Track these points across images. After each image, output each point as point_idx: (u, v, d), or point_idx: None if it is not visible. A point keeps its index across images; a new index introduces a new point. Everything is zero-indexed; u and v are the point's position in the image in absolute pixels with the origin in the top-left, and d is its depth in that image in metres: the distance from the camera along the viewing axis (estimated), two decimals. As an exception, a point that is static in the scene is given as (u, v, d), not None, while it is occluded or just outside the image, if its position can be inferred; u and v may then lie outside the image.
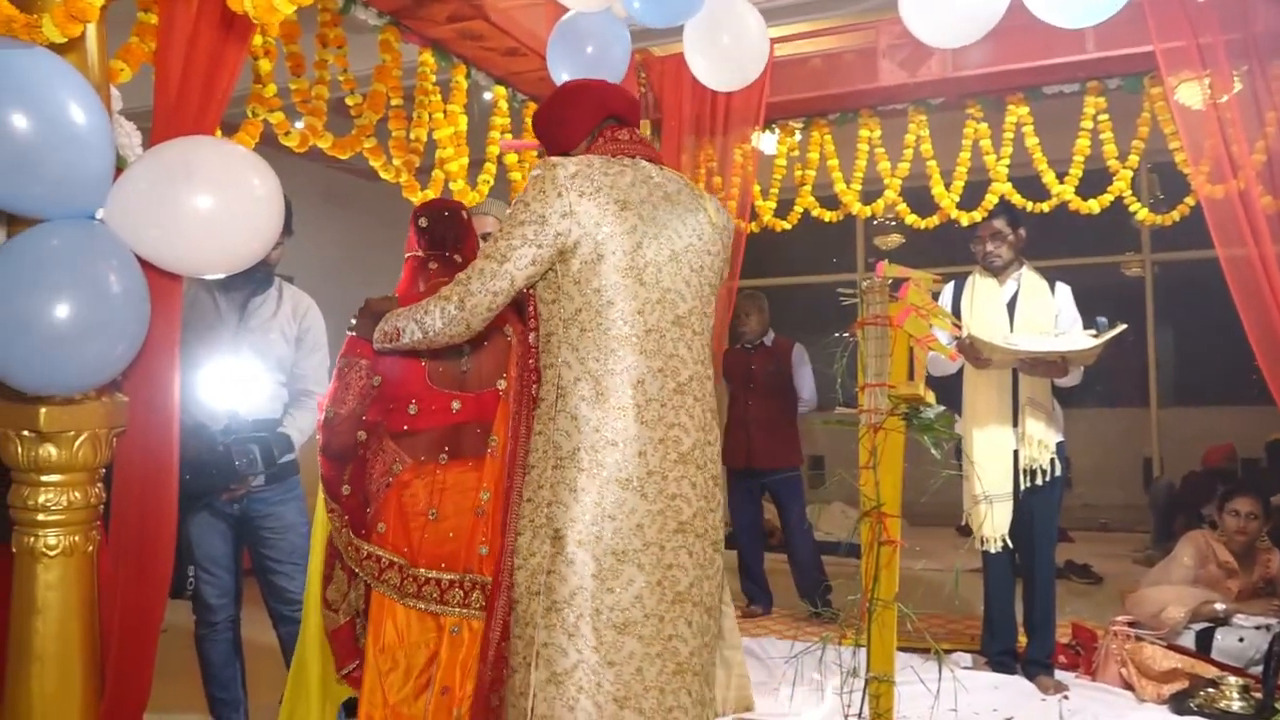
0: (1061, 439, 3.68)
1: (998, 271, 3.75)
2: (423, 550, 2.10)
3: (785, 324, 5.20)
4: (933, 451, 2.47)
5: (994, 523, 3.59)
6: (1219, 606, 3.72)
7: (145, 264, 1.81)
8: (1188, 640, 3.70)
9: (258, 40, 2.76)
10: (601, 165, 1.86)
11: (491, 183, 3.77)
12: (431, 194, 3.42)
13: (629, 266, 1.81)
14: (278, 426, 2.99)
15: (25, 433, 1.77)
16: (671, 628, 1.76)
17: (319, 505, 2.21)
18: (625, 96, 2.04)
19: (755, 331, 5.02)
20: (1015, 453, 3.61)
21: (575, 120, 1.99)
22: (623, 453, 1.76)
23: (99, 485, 1.89)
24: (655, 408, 1.80)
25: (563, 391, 1.81)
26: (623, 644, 1.72)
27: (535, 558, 1.79)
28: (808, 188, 4.49)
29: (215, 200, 1.76)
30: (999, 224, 3.74)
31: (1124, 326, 3.45)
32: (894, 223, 8.16)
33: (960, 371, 3.74)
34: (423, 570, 2.09)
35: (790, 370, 5.01)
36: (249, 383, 2.93)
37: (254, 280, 2.98)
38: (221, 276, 2.77)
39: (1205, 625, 3.71)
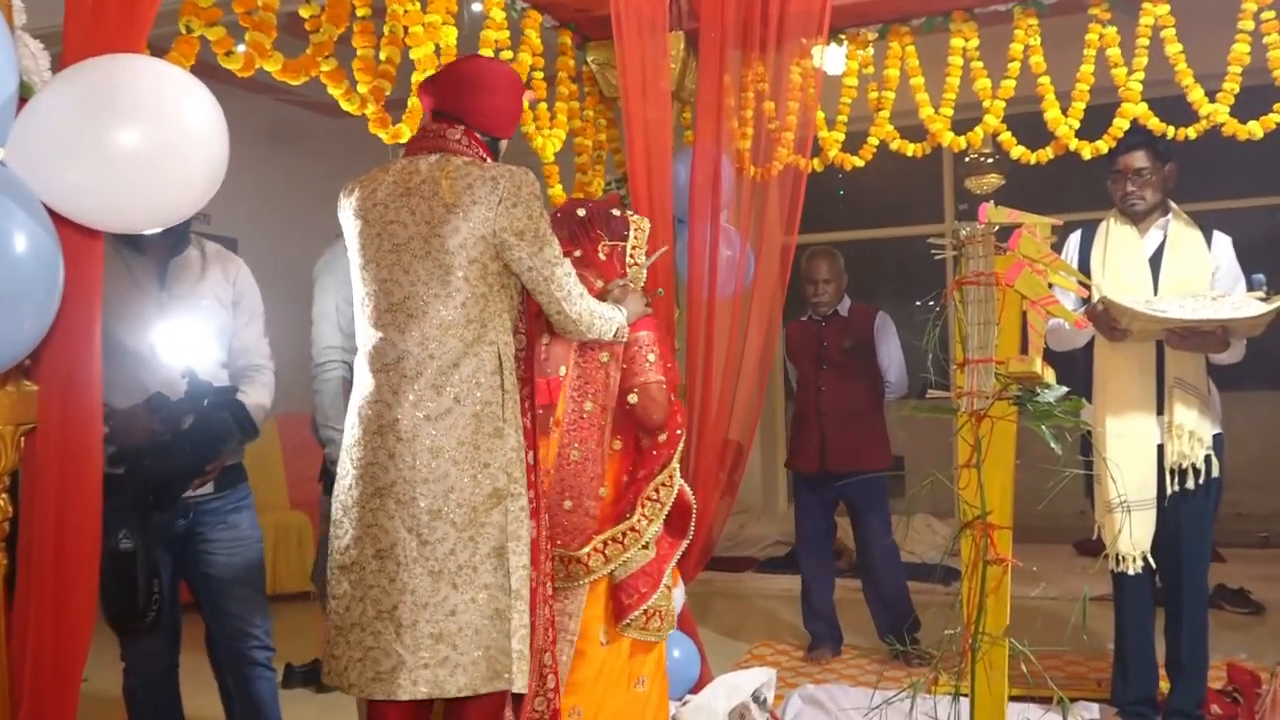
0: (1219, 431, 3.66)
1: (1138, 218, 3.71)
2: None
3: (853, 288, 5.16)
4: (1052, 445, 2.44)
5: (1133, 536, 3.56)
6: None
7: (57, 218, 1.81)
8: (1379, 685, 3.67)
9: (190, -65, 2.75)
10: (376, 173, 2.66)
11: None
12: (406, 130, 3.42)
13: (357, 265, 2.63)
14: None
15: (-88, 432, 1.78)
16: (373, 579, 2.47)
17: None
18: (438, 87, 2.71)
19: (831, 299, 4.98)
20: (1160, 448, 3.60)
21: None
22: (348, 425, 2.60)
23: (3, 497, 1.91)
24: (365, 388, 2.56)
25: None
26: (341, 582, 2.51)
27: None
28: (885, 114, 4.44)
29: (147, 136, 1.75)
30: (1142, 157, 3.70)
31: None
32: (992, 160, 8.07)
33: (1089, 345, 3.72)
34: None
35: (873, 346, 4.96)
36: (186, 360, 2.95)
37: (169, 238, 3.00)
38: (146, 234, 2.78)
39: (1401, 666, 3.68)
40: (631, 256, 3.18)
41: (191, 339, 2.99)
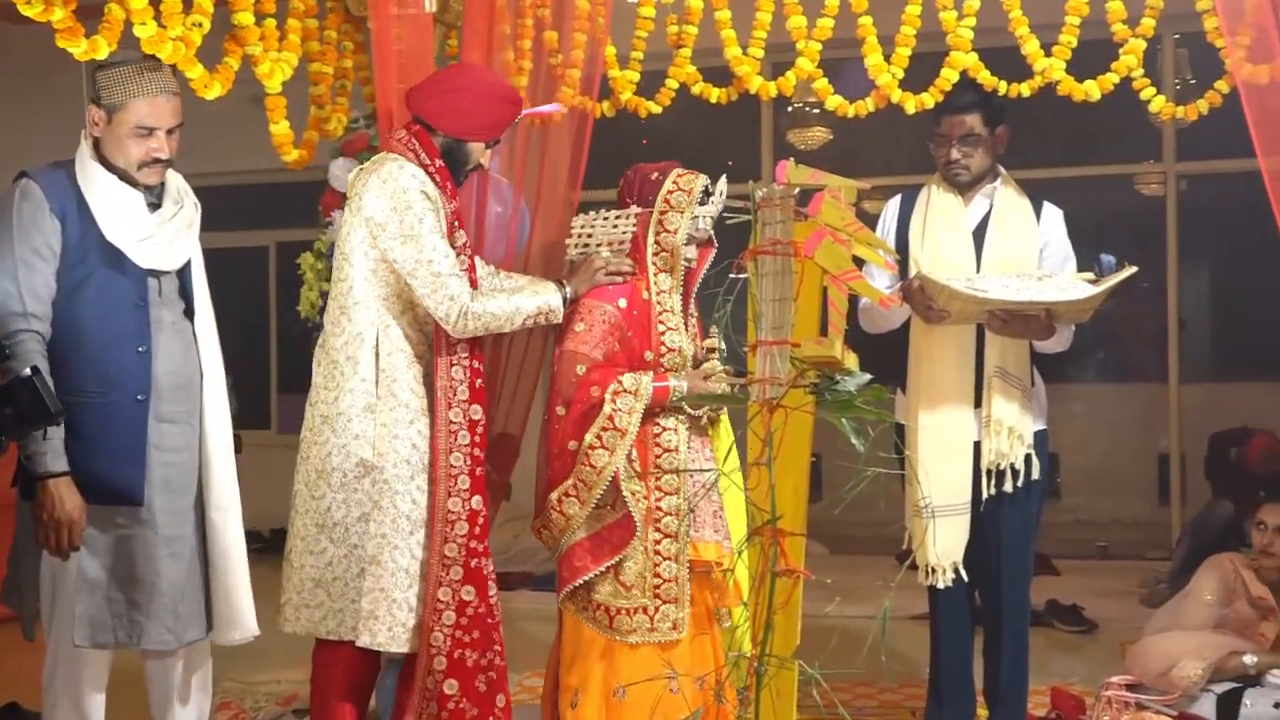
0: (1043, 427, 3.85)
1: (964, 186, 3.87)
2: None
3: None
4: (853, 440, 2.52)
5: (943, 544, 3.69)
6: (1248, 660, 4.00)
7: None
8: (1207, 707, 3.96)
9: None
10: None
11: (207, 26, 3.63)
12: (103, 43, 3.30)
13: None
14: None
15: None
16: (292, 524, 3.39)
17: None
18: (412, 90, 3.49)
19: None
20: (976, 445, 3.75)
21: None
22: None
23: None
24: None
25: None
26: None
27: None
28: (686, 52, 4.49)
29: None
30: (972, 120, 3.83)
31: (1134, 270, 3.60)
32: (818, 111, 8.29)
33: (906, 326, 3.86)
34: None
35: None
36: None
37: None
38: None
39: (1231, 685, 3.98)
40: (661, 223, 3.37)
41: None
